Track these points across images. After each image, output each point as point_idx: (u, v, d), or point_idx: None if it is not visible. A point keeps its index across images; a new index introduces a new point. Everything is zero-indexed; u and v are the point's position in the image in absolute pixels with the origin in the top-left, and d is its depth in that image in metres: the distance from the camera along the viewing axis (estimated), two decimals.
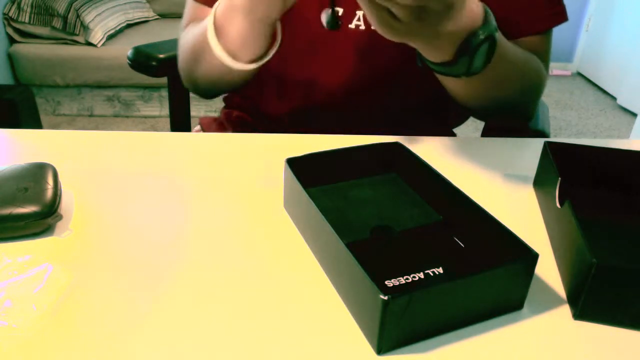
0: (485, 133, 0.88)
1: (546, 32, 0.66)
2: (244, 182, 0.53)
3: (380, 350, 0.34)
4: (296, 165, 0.46)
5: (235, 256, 0.43)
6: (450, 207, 0.45)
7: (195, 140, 0.61)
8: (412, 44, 0.50)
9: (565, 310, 0.39)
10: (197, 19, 0.69)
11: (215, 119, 0.84)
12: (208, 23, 0.58)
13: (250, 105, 0.79)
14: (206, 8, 0.69)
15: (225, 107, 0.85)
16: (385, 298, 0.32)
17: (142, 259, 0.42)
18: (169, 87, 1.01)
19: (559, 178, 0.44)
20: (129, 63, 0.99)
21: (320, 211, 0.40)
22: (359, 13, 0.65)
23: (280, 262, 0.42)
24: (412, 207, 0.48)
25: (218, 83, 0.67)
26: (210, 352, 0.34)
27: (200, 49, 0.62)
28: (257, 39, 0.57)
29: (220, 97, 0.80)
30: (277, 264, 0.42)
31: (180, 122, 1.03)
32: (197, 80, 0.69)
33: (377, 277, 0.34)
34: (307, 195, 0.42)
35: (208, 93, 0.73)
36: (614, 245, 0.45)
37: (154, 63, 0.96)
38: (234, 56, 0.58)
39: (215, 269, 0.41)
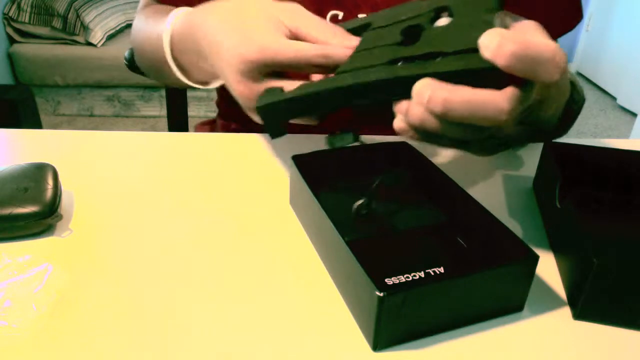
0: None
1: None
2: (250, 180, 0.53)
3: (376, 347, 0.35)
4: (302, 162, 0.46)
5: (238, 251, 0.43)
6: (455, 208, 0.45)
7: (197, 140, 0.61)
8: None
9: (565, 310, 0.39)
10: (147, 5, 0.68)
11: (211, 128, 0.84)
12: (164, 41, 0.53)
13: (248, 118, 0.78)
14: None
15: (220, 117, 0.84)
16: (381, 295, 0.32)
17: (142, 259, 0.42)
18: (167, 88, 1.01)
19: (559, 178, 0.44)
20: (126, 64, 0.99)
21: (324, 208, 0.40)
22: (361, 17, 0.64)
23: (283, 257, 0.42)
24: (416, 206, 0.48)
25: (165, 81, 0.65)
26: (211, 347, 0.34)
27: (154, 58, 0.59)
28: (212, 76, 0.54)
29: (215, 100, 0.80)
30: (280, 260, 0.42)
31: (178, 122, 1.03)
32: (146, 69, 0.68)
33: (378, 275, 0.34)
34: (310, 192, 0.42)
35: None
36: (614, 245, 0.45)
37: None
38: (187, 77, 0.56)
39: (217, 265, 0.41)
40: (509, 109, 0.33)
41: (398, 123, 0.37)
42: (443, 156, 0.59)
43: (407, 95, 0.35)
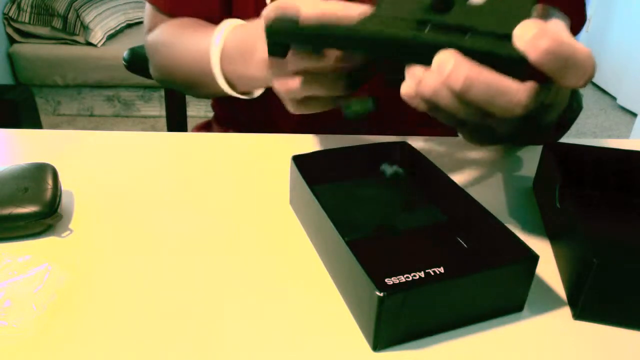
0: None
1: None
2: (250, 180, 0.53)
3: (376, 347, 0.35)
4: (302, 162, 0.46)
5: (238, 251, 0.43)
6: (455, 208, 0.45)
7: (197, 140, 0.61)
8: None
9: (565, 310, 0.39)
10: (158, 24, 0.69)
11: (207, 131, 0.84)
12: (212, 54, 0.55)
13: (243, 122, 0.79)
14: (163, 16, 0.69)
15: (216, 121, 0.84)
16: (381, 294, 0.32)
17: (142, 259, 0.42)
18: (165, 88, 1.01)
19: (559, 178, 0.44)
20: (124, 64, 0.99)
21: (324, 208, 0.40)
22: None
23: (283, 257, 0.42)
24: (417, 206, 0.48)
25: (200, 92, 0.67)
26: (211, 347, 0.34)
27: (198, 77, 0.61)
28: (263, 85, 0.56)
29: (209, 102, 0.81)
30: (280, 260, 0.42)
31: (176, 122, 1.03)
32: (179, 88, 0.69)
33: (378, 275, 0.34)
34: (310, 192, 0.42)
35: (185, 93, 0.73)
36: (614, 245, 0.45)
37: None
38: (233, 87, 0.57)
39: (217, 265, 0.41)
40: (526, 103, 0.33)
41: (406, 89, 0.36)
42: (443, 156, 0.59)
43: (424, 62, 0.34)
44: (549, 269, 0.42)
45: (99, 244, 0.43)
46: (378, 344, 0.35)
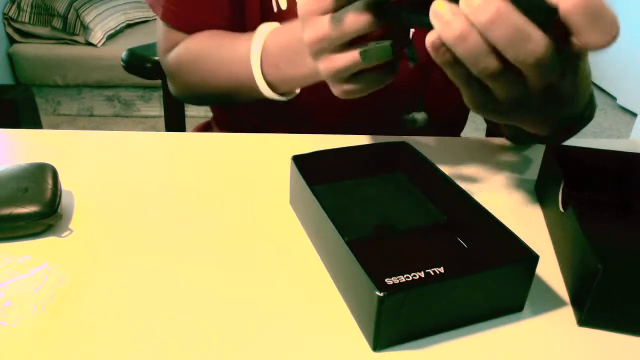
0: (490, 132, 0.88)
1: None
2: (250, 180, 0.53)
3: (376, 347, 0.35)
4: (302, 162, 0.46)
5: (238, 251, 0.43)
6: (455, 208, 0.45)
7: (197, 140, 0.61)
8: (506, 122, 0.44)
9: (566, 311, 0.39)
10: (176, 43, 0.69)
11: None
12: (252, 61, 0.56)
13: (242, 126, 0.78)
14: (179, 33, 0.69)
15: (215, 123, 0.84)
16: (381, 295, 0.32)
17: (142, 259, 0.42)
18: (164, 89, 1.01)
19: (563, 182, 0.44)
20: (123, 65, 0.99)
21: (324, 208, 0.40)
22: None
23: (283, 257, 0.42)
24: (417, 206, 0.48)
25: (233, 100, 0.68)
26: (211, 347, 0.34)
27: (234, 82, 0.62)
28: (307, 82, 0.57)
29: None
30: (280, 260, 0.42)
31: (175, 123, 1.03)
32: (204, 96, 0.70)
33: (378, 275, 0.34)
34: (310, 192, 0.42)
35: (204, 103, 0.73)
36: (618, 250, 0.44)
37: (148, 65, 0.96)
38: (274, 89, 0.58)
39: (217, 265, 0.41)
40: (543, 55, 0.32)
41: (432, 36, 0.35)
42: (443, 156, 0.59)
43: None
44: (549, 269, 0.42)
45: (99, 244, 0.43)
46: (378, 344, 0.35)
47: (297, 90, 0.60)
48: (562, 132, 0.51)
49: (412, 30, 0.56)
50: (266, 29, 0.57)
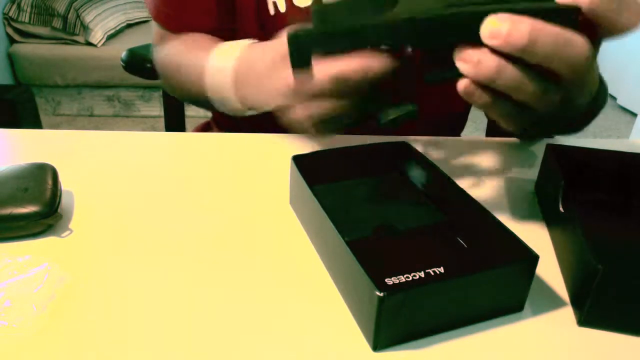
0: (490, 132, 0.87)
1: None
2: (250, 180, 0.53)
3: (376, 347, 0.35)
4: (302, 162, 0.46)
5: (238, 251, 0.43)
6: (455, 208, 0.45)
7: (197, 140, 0.61)
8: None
9: (565, 311, 0.39)
10: (167, 43, 0.69)
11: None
12: (227, 78, 0.53)
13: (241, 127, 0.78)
14: (169, 33, 0.68)
15: (215, 124, 0.84)
16: (381, 294, 0.32)
17: (142, 259, 0.42)
18: (163, 89, 1.01)
19: (562, 182, 0.44)
20: (122, 65, 0.99)
21: (324, 208, 0.40)
22: None
23: (283, 257, 0.42)
24: (417, 206, 0.48)
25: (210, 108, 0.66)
26: (210, 347, 0.34)
27: (205, 98, 0.59)
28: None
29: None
30: (280, 260, 0.42)
31: (175, 123, 1.03)
32: (185, 100, 0.69)
33: (378, 275, 0.34)
34: (310, 192, 0.42)
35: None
36: (618, 250, 0.44)
37: (148, 65, 0.96)
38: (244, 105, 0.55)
39: (217, 265, 0.41)
40: (589, 52, 0.32)
41: (464, 83, 0.34)
42: (443, 156, 0.59)
43: (470, 38, 0.31)
44: (549, 269, 0.42)
45: (99, 244, 0.43)
46: (378, 344, 0.35)
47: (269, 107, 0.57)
48: (578, 121, 0.51)
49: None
50: (233, 46, 0.54)
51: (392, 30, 0.34)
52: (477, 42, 0.32)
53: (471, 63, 0.33)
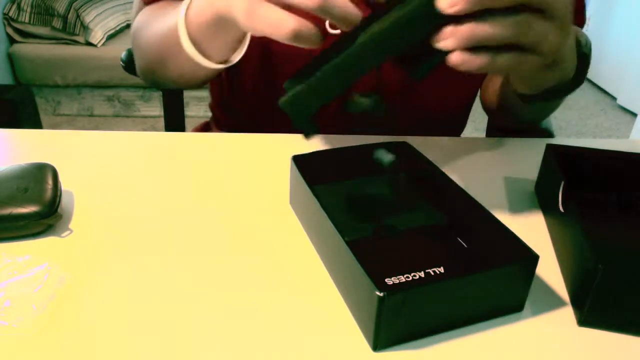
0: (490, 132, 0.87)
1: None
2: (250, 180, 0.53)
3: (376, 347, 0.35)
4: (302, 162, 0.46)
5: (238, 251, 0.43)
6: (455, 208, 0.45)
7: (197, 140, 0.61)
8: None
9: (565, 310, 0.39)
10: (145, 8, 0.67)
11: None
12: (178, 22, 0.53)
13: (241, 127, 0.77)
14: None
15: (214, 124, 0.83)
16: (381, 294, 0.32)
17: (142, 259, 0.42)
18: (164, 89, 1.01)
19: (562, 182, 0.44)
20: (122, 65, 0.99)
21: (324, 208, 0.40)
22: None
23: (283, 257, 0.42)
24: (417, 206, 0.48)
25: (183, 80, 0.64)
26: (211, 347, 0.34)
27: (167, 47, 0.58)
28: (225, 42, 0.53)
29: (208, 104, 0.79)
30: (280, 260, 0.42)
31: (175, 123, 1.03)
32: (159, 76, 0.67)
33: (378, 275, 0.34)
34: (310, 192, 0.42)
35: (167, 87, 0.69)
36: (618, 250, 0.44)
37: None
38: (203, 54, 0.55)
39: (217, 265, 0.41)
40: None
41: (454, 55, 0.35)
42: (443, 156, 0.59)
43: (445, 20, 0.34)
44: (549, 269, 0.42)
45: (99, 244, 0.43)
46: (378, 344, 0.35)
47: (236, 57, 0.56)
48: (578, 71, 0.52)
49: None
50: None
51: (375, 44, 0.36)
52: (445, 23, 0.34)
53: (449, 36, 0.35)
